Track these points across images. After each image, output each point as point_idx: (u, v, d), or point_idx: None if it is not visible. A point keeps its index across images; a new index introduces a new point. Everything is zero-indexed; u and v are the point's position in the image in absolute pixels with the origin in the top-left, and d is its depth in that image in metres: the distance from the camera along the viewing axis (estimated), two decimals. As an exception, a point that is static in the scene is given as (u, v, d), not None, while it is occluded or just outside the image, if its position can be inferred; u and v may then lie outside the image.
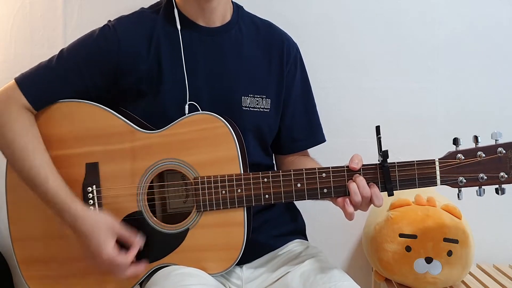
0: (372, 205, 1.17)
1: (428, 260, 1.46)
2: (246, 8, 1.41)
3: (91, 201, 1.25)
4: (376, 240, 1.54)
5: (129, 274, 1.21)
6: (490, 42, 1.74)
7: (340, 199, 1.18)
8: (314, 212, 1.47)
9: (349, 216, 1.16)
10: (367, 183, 1.15)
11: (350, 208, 1.15)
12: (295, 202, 1.42)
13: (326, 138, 1.47)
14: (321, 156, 1.45)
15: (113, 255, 1.18)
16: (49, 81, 1.26)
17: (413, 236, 1.47)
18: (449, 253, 1.46)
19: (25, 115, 1.24)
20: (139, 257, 1.23)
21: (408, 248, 1.48)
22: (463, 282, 1.57)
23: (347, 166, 1.17)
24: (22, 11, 1.79)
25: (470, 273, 1.64)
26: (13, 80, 1.26)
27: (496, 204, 1.72)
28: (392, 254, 1.50)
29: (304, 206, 1.44)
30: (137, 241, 1.22)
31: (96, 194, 1.25)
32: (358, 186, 1.15)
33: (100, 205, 1.25)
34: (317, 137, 1.46)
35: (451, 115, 1.76)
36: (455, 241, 1.46)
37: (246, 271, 1.32)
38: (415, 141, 1.75)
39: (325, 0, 1.75)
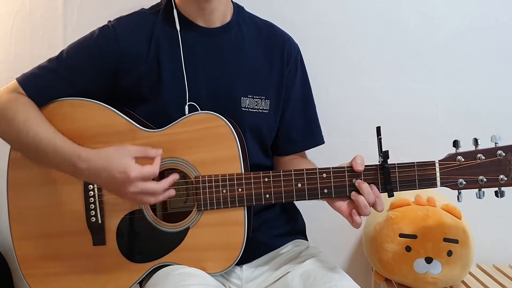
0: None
1: (428, 260, 1.47)
2: (247, 8, 1.41)
3: (92, 199, 1.25)
4: (376, 240, 1.54)
5: (163, 186, 1.16)
6: (490, 42, 1.74)
7: (345, 209, 1.17)
8: (314, 212, 1.47)
9: (357, 226, 1.16)
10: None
11: (359, 219, 1.15)
12: (295, 202, 1.43)
13: (326, 138, 1.47)
14: (321, 156, 1.45)
15: (140, 168, 1.14)
16: (50, 82, 1.26)
17: (413, 236, 1.47)
18: (449, 253, 1.46)
19: (24, 99, 1.24)
20: (139, 255, 1.24)
21: (408, 248, 1.48)
22: (463, 282, 1.58)
23: (348, 167, 1.17)
24: (22, 11, 1.79)
25: (470, 273, 1.64)
26: (15, 80, 1.27)
27: (496, 205, 1.69)
28: (392, 254, 1.50)
29: (304, 206, 1.44)
30: (155, 151, 1.19)
31: (97, 192, 1.26)
32: (364, 195, 1.14)
33: (101, 203, 1.25)
34: (316, 139, 1.45)
35: (451, 115, 1.76)
36: (455, 241, 1.47)
37: (246, 270, 1.32)
38: (415, 141, 1.75)
39: (325, 0, 1.75)
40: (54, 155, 1.20)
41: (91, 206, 1.25)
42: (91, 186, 1.25)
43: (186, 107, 1.27)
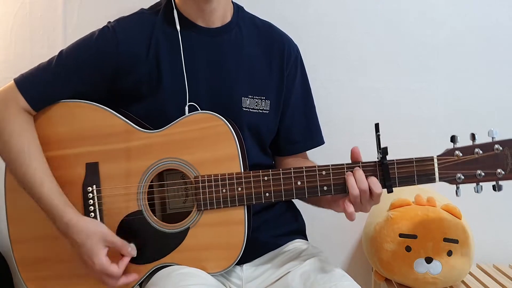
0: (373, 204, 1.17)
1: (428, 260, 1.47)
2: (246, 9, 1.41)
3: (91, 201, 1.25)
4: (376, 240, 1.54)
5: (120, 284, 1.21)
6: (490, 42, 1.74)
7: (340, 202, 1.18)
8: (314, 212, 1.46)
9: (350, 216, 1.15)
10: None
11: (350, 207, 1.15)
12: (295, 202, 1.43)
13: (326, 138, 1.47)
14: (321, 156, 1.45)
15: (105, 265, 1.18)
16: (49, 82, 1.26)
17: (413, 236, 1.47)
18: (449, 253, 1.46)
19: (22, 116, 1.24)
20: (140, 257, 1.23)
21: (408, 248, 1.48)
22: (463, 282, 1.57)
23: (347, 164, 1.18)
24: (22, 11, 1.79)
25: (470, 273, 1.64)
26: (12, 81, 1.27)
27: (496, 204, 1.72)
28: (392, 254, 1.50)
29: (304, 206, 1.44)
30: (130, 251, 1.22)
31: (96, 194, 1.25)
32: (356, 180, 1.15)
33: (100, 205, 1.25)
34: (316, 139, 1.45)
35: (451, 115, 1.76)
36: (455, 241, 1.46)
37: (246, 270, 1.32)
38: (415, 141, 1.75)
39: (325, 0, 1.75)
40: (39, 200, 1.21)
41: (90, 208, 1.25)
42: (90, 188, 1.25)
43: (186, 108, 1.27)
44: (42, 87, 1.26)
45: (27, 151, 1.22)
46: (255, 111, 1.33)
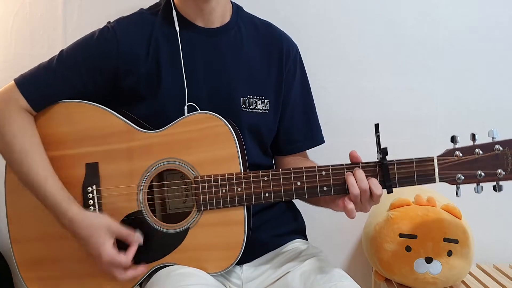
0: (373, 204, 1.17)
1: (428, 260, 1.46)
2: (246, 8, 1.41)
3: (91, 201, 1.25)
4: (376, 240, 1.53)
5: (129, 276, 1.21)
6: (490, 42, 1.74)
7: (340, 201, 1.18)
8: (314, 212, 1.46)
9: (350, 213, 1.15)
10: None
11: (350, 204, 1.15)
12: (295, 202, 1.43)
13: (326, 138, 1.47)
14: (321, 156, 1.45)
15: (113, 255, 1.19)
16: (49, 82, 1.26)
17: (413, 236, 1.47)
18: (449, 253, 1.46)
19: (23, 116, 1.24)
20: (140, 257, 1.23)
21: (408, 248, 1.48)
22: (463, 282, 1.57)
23: (347, 164, 1.18)
24: (22, 11, 1.79)
25: (470, 273, 1.64)
26: (13, 81, 1.27)
27: (496, 204, 1.72)
28: (392, 254, 1.50)
29: (304, 206, 1.44)
30: (136, 239, 1.22)
31: (96, 194, 1.25)
32: (356, 179, 1.15)
33: (100, 205, 1.25)
34: (316, 138, 1.45)
35: (451, 115, 1.76)
36: (455, 241, 1.46)
37: (246, 270, 1.32)
38: (415, 141, 1.75)
39: (325, 0, 1.75)
40: (43, 197, 1.22)
41: (90, 209, 1.25)
42: (90, 188, 1.25)
43: (186, 108, 1.27)
44: (42, 87, 1.26)
45: (29, 149, 1.22)
46: (254, 111, 1.33)
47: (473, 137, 1.15)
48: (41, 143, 1.25)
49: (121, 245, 1.22)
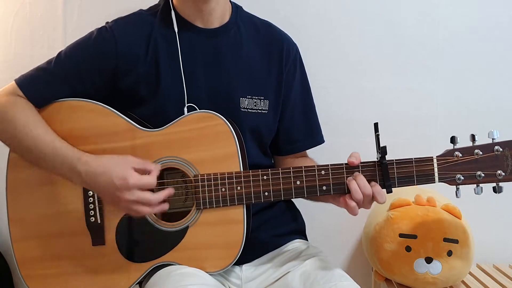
0: (374, 203, 1.17)
1: (428, 260, 1.46)
2: (246, 8, 1.41)
3: (91, 199, 1.25)
4: (376, 240, 1.53)
5: (156, 205, 1.17)
6: (490, 42, 1.74)
7: (341, 198, 1.18)
8: (314, 212, 1.47)
9: (352, 211, 1.16)
10: (368, 181, 1.15)
11: (352, 203, 1.15)
12: (295, 202, 1.43)
13: (326, 138, 1.47)
14: (321, 156, 1.45)
15: (139, 178, 1.15)
16: (49, 83, 1.27)
17: (413, 236, 1.47)
18: (449, 253, 1.46)
19: (24, 102, 1.25)
20: (138, 254, 1.24)
21: (408, 248, 1.47)
22: (463, 282, 1.57)
23: (346, 164, 1.18)
24: (22, 11, 1.79)
25: (470, 273, 1.64)
26: (13, 82, 1.27)
27: (496, 204, 1.72)
28: (392, 254, 1.49)
29: (304, 206, 1.44)
30: (155, 166, 1.20)
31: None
32: (359, 186, 1.15)
33: (100, 203, 1.25)
34: (316, 138, 1.45)
35: (451, 115, 1.76)
36: (455, 241, 1.46)
37: (245, 270, 1.32)
38: (415, 141, 1.75)
39: (325, 0, 1.75)
40: (54, 157, 1.20)
41: (90, 206, 1.25)
42: None
43: (185, 108, 1.27)
44: (42, 87, 1.26)
45: (32, 121, 1.22)
46: (253, 111, 1.33)
47: (473, 137, 1.15)
48: (44, 120, 1.25)
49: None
